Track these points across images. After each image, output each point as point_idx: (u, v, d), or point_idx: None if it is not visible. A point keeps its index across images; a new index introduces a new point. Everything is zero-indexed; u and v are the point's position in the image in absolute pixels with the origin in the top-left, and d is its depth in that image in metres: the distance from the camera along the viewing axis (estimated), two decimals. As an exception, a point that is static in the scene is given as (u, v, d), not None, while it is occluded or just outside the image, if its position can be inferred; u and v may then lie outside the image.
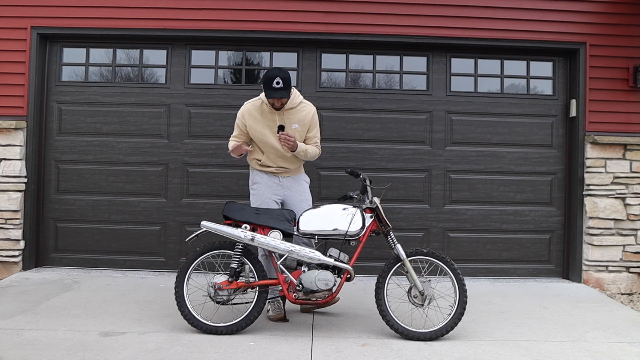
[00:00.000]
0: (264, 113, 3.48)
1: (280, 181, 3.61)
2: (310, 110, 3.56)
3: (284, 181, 3.61)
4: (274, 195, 3.58)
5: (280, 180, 3.61)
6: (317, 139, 3.63)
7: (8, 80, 4.65)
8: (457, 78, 4.97)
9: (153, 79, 4.93)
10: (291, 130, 3.45)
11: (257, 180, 3.61)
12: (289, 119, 3.47)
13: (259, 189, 3.60)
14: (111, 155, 4.85)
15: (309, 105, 3.59)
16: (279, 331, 3.33)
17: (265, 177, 3.60)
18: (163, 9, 4.67)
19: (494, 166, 4.93)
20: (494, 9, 4.74)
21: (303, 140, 3.56)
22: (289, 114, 3.47)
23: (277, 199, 3.59)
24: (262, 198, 3.56)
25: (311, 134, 3.58)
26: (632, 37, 4.75)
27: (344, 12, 4.71)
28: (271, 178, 3.59)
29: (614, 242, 4.71)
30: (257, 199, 3.58)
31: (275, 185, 3.60)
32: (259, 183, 3.60)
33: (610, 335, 3.43)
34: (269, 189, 3.58)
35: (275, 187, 3.60)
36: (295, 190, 3.63)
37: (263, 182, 3.59)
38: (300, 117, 3.51)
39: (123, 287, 4.30)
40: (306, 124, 3.54)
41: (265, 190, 3.58)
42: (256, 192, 3.61)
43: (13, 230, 4.62)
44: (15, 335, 3.14)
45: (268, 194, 3.57)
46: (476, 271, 4.88)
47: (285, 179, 3.62)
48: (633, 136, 4.72)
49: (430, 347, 3.12)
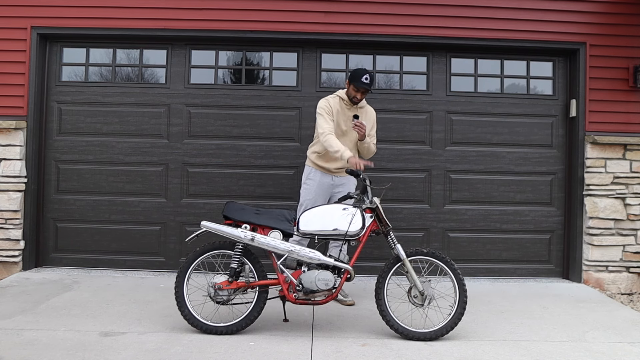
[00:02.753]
0: (342, 107, 3.90)
1: (333, 180, 3.95)
2: (374, 111, 4.06)
3: (336, 180, 3.95)
4: (324, 192, 3.93)
5: (332, 179, 3.95)
6: (375, 138, 4.02)
7: (8, 80, 4.65)
8: (457, 78, 4.97)
9: (153, 79, 4.93)
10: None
11: (312, 177, 3.96)
12: (361, 115, 3.90)
13: (311, 184, 3.94)
14: (111, 155, 4.85)
15: (371, 107, 4.07)
16: (279, 331, 3.33)
17: (319, 175, 3.94)
18: (163, 9, 4.67)
19: (494, 166, 4.93)
20: (494, 9, 4.74)
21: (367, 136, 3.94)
22: (360, 111, 3.93)
23: (326, 196, 3.95)
24: (312, 193, 3.92)
25: (372, 131, 3.99)
26: (632, 37, 4.75)
27: (344, 12, 4.71)
28: (324, 177, 3.94)
29: (614, 242, 4.71)
30: (307, 193, 3.94)
31: (327, 184, 3.94)
32: (313, 180, 3.95)
33: (610, 335, 3.43)
34: (321, 186, 3.92)
35: (327, 186, 3.94)
36: (348, 187, 3.94)
37: (316, 179, 3.94)
38: (368, 116, 3.98)
39: (123, 287, 4.30)
40: (371, 122, 3.98)
41: (317, 186, 3.91)
42: (308, 186, 3.95)
43: (13, 230, 4.62)
44: (15, 335, 3.14)
45: (319, 190, 3.92)
46: (476, 271, 4.88)
47: (337, 178, 3.96)
48: (633, 136, 4.72)
49: (430, 347, 3.12)
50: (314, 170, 3.95)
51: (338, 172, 3.92)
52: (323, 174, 3.92)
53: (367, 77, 3.73)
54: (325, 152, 3.81)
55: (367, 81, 3.72)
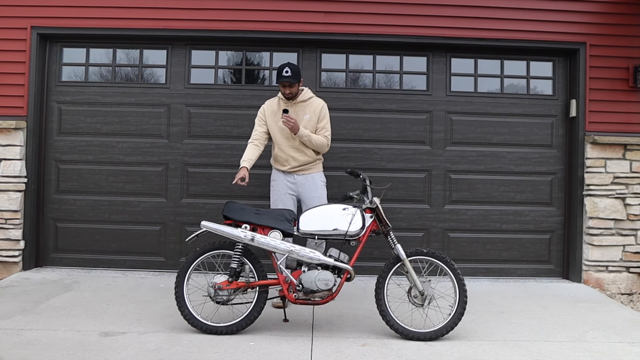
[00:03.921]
0: (280, 106, 3.90)
1: (295, 179, 3.93)
2: (320, 103, 3.97)
3: (298, 179, 3.92)
4: (289, 190, 3.92)
5: (294, 178, 3.93)
6: (326, 130, 3.93)
7: (8, 80, 4.65)
8: (457, 78, 4.97)
9: (153, 79, 4.93)
10: (303, 120, 3.85)
11: (274, 178, 4.01)
12: (302, 110, 3.88)
13: (275, 185, 3.98)
14: (111, 155, 4.85)
15: (320, 100, 4.00)
16: (279, 331, 3.33)
17: (282, 176, 3.96)
18: (163, 9, 4.67)
19: (494, 166, 4.93)
20: (494, 9, 4.74)
21: (314, 131, 3.88)
22: (301, 106, 3.89)
23: (291, 194, 3.93)
24: (278, 193, 3.93)
25: (320, 124, 3.91)
26: (632, 37, 4.75)
27: (344, 12, 4.71)
28: (286, 176, 3.94)
29: (614, 242, 4.71)
30: (274, 194, 3.96)
31: (289, 182, 3.93)
32: (276, 180, 3.99)
33: (610, 335, 3.43)
34: (284, 185, 3.93)
35: (290, 184, 3.93)
36: (307, 187, 3.91)
37: (279, 179, 3.96)
38: (312, 109, 3.91)
39: (123, 287, 4.30)
40: (316, 115, 3.90)
41: (280, 187, 3.93)
42: (274, 188, 3.99)
43: (13, 230, 4.62)
44: (15, 335, 3.14)
45: (283, 190, 3.92)
46: (476, 271, 4.88)
47: (299, 177, 3.92)
48: (633, 136, 4.72)
49: (430, 347, 3.12)
50: (275, 171, 4.04)
51: (296, 171, 3.91)
52: (284, 174, 3.95)
53: (287, 70, 3.71)
54: (276, 155, 3.96)
55: (287, 74, 3.70)
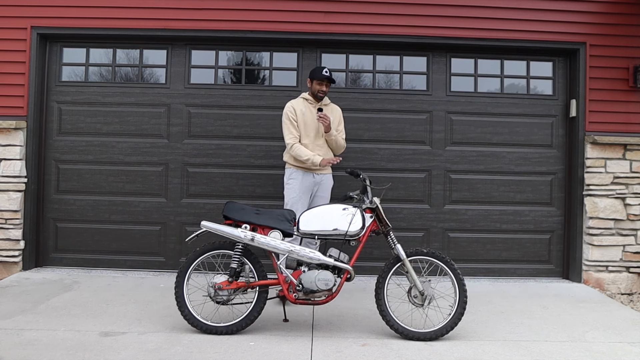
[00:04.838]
0: (307, 106, 4.06)
1: (314, 178, 4.04)
2: (339, 108, 4.24)
3: (317, 178, 4.06)
4: (309, 189, 4.03)
5: (314, 177, 4.04)
6: (343, 133, 4.19)
7: (8, 80, 4.65)
8: (457, 78, 4.98)
9: (153, 79, 4.93)
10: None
11: (294, 177, 4.04)
12: (325, 110, 4.04)
13: (293, 184, 4.02)
14: (111, 155, 4.85)
15: (336, 105, 4.26)
16: (279, 331, 3.33)
17: (302, 174, 4.02)
18: (163, 9, 4.67)
19: (494, 166, 4.93)
20: (494, 9, 4.74)
21: None
22: (325, 108, 4.07)
23: (309, 193, 4.04)
24: (297, 192, 3.98)
25: (340, 127, 4.16)
26: (632, 37, 4.75)
27: (344, 12, 4.71)
28: (306, 175, 4.02)
29: (614, 242, 4.71)
30: (292, 192, 4.00)
31: (309, 181, 4.02)
32: (295, 179, 4.02)
33: (610, 335, 3.43)
34: (305, 183, 4.01)
35: (309, 184, 4.02)
36: (322, 187, 4.08)
37: (299, 178, 4.01)
38: (333, 112, 4.13)
39: (123, 287, 4.30)
40: (337, 118, 4.14)
41: (301, 185, 4.00)
42: (291, 187, 4.02)
43: (13, 230, 4.62)
44: (15, 335, 3.14)
45: (303, 188, 4.00)
46: (476, 271, 4.88)
47: (318, 176, 4.06)
48: (633, 136, 4.72)
49: (430, 347, 3.12)
50: (295, 170, 4.04)
51: (318, 170, 4.03)
52: (305, 173, 4.01)
53: (327, 70, 3.95)
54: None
55: (327, 73, 3.94)
